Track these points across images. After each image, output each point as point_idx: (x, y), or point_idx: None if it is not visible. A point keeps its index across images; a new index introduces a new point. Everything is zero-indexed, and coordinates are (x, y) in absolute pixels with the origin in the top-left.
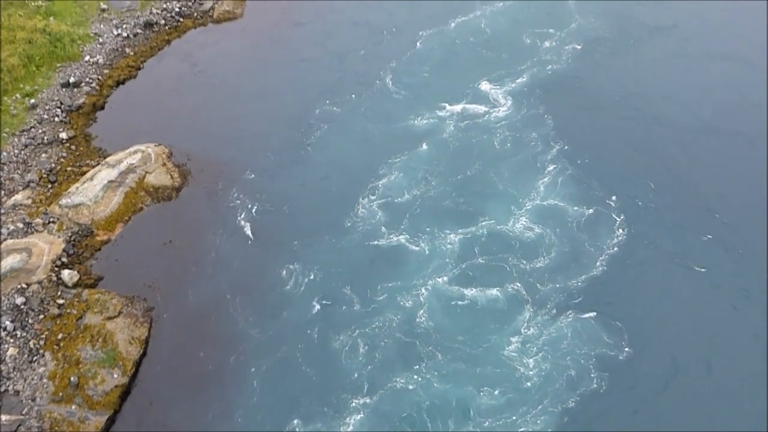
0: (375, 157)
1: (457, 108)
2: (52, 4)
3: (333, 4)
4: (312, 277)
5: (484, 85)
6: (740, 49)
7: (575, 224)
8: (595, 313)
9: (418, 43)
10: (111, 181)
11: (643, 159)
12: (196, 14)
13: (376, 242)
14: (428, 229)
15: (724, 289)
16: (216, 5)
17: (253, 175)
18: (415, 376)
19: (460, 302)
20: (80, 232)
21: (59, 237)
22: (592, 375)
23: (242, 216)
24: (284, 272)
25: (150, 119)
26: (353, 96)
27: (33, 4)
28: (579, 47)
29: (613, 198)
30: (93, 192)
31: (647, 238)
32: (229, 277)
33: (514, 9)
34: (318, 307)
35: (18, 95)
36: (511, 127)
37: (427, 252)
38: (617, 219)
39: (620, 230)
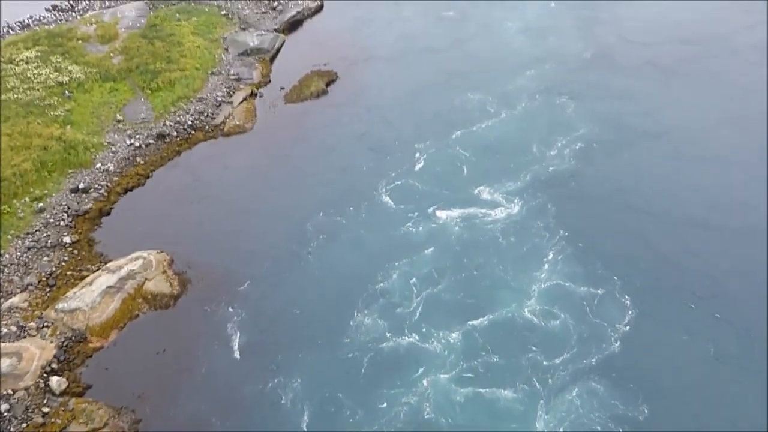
0: (374, 264)
1: (457, 213)
2: (70, 113)
3: (339, 118)
4: (307, 389)
5: (484, 189)
6: (728, 154)
7: (584, 307)
8: (613, 394)
9: (417, 154)
10: (110, 287)
11: (641, 247)
12: (207, 127)
13: (377, 346)
14: (431, 329)
15: (730, 364)
16: (227, 119)
17: (251, 285)
18: None
19: (473, 401)
20: (73, 338)
21: (51, 342)
22: None
23: (237, 328)
24: (277, 387)
25: (154, 226)
26: (351, 208)
27: (52, 113)
28: (578, 151)
29: (616, 279)
30: (90, 297)
31: (654, 319)
32: (220, 391)
33: (515, 119)
34: (313, 420)
35: (27, 199)
36: (513, 224)
37: (434, 352)
38: (624, 301)
39: (630, 311)
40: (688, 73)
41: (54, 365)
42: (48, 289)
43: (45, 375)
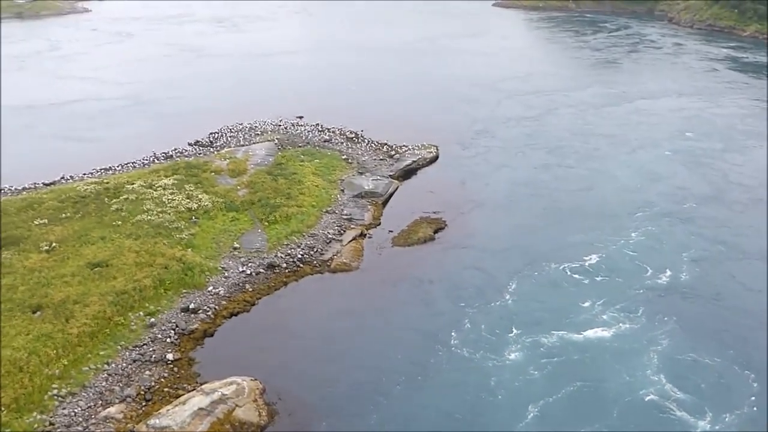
0: (468, 403)
1: (559, 336)
2: (193, 237)
3: (442, 264)
4: None
5: (592, 312)
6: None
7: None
8: None
9: (515, 293)
10: (201, 409)
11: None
12: (315, 262)
13: None
14: None
15: None
16: (335, 257)
17: (335, 427)
18: None
19: None
20: None
21: None
22: None
23: None
24: None
25: (252, 353)
26: (442, 349)
27: (178, 236)
28: (688, 265)
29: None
30: (181, 417)
31: None
32: None
33: (625, 248)
34: None
35: (141, 312)
36: (625, 329)
37: None
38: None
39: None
40: None
41: None
42: (144, 403)
43: None
